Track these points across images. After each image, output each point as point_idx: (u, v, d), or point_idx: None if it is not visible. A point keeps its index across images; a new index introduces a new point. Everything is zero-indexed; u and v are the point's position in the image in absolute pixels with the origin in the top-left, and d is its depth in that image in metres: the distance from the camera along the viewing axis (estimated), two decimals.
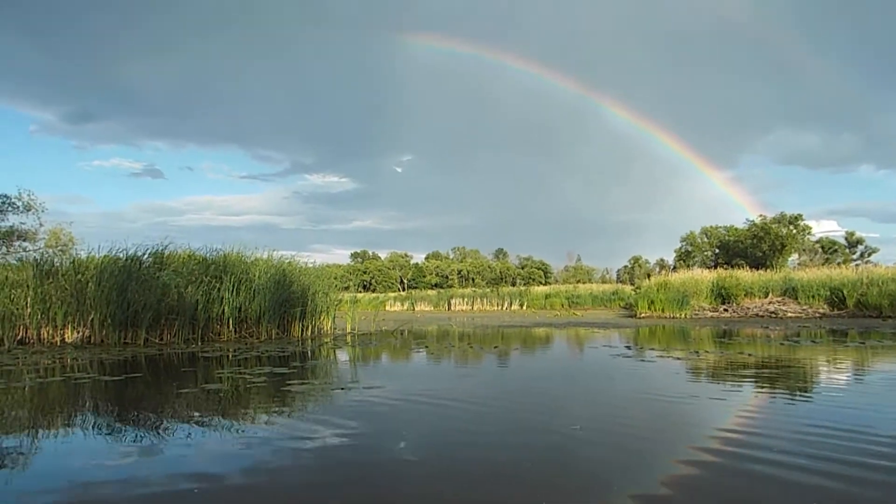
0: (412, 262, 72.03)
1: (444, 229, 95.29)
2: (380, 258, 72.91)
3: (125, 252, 11.40)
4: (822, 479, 2.85)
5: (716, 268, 31.20)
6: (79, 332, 10.62)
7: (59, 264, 11.44)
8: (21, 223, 22.02)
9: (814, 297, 21.06)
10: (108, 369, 7.25)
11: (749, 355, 8.21)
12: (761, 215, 40.99)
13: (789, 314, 20.37)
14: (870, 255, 43.99)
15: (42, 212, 22.38)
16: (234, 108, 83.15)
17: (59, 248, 20.30)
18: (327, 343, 11.22)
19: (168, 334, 11.12)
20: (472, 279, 65.19)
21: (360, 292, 48.09)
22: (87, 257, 11.83)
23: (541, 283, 59.31)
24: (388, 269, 69.05)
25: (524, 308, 31.74)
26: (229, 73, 78.88)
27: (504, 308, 32.13)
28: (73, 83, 75.63)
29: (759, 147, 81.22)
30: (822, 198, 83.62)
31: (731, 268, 28.45)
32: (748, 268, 28.36)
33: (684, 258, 46.16)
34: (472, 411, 4.67)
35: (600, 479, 3.01)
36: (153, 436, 3.89)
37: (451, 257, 74.54)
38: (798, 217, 40.79)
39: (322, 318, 13.67)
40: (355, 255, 75.82)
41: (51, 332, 10.56)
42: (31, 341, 10.48)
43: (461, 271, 67.99)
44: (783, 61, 62.32)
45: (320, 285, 13.53)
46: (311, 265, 14.30)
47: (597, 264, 71.04)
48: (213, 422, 4.31)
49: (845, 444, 3.47)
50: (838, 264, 30.51)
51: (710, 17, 59.66)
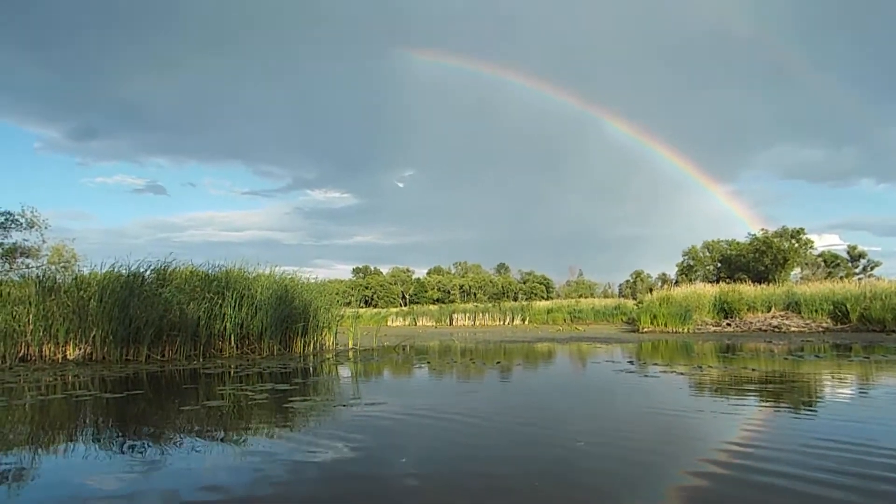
0: (414, 277, 72.02)
1: (446, 244, 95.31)
2: (381, 273, 72.91)
3: (127, 268, 11.44)
4: (828, 491, 2.83)
5: (718, 282, 31.17)
6: (80, 349, 10.61)
7: (61, 281, 11.47)
8: (24, 240, 22.08)
9: (817, 311, 20.98)
10: (110, 386, 7.23)
11: (753, 370, 8.16)
12: (763, 229, 40.88)
13: (792, 328, 20.29)
14: (872, 268, 43.93)
15: (45, 228, 22.46)
16: (236, 124, 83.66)
17: (61, 264, 20.32)
18: (329, 359, 11.19)
19: (170, 351, 11.11)
20: (474, 294, 65.10)
21: (362, 308, 48.03)
22: (89, 274, 11.85)
23: (543, 297, 59.20)
24: (390, 284, 69.02)
25: (526, 323, 31.65)
26: (231, 90, 79.63)
27: (506, 323, 32.05)
28: (77, 100, 76.39)
29: (761, 161, 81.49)
30: (824, 212, 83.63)
31: (734, 282, 28.45)
32: (750, 282, 28.28)
33: (686, 272, 46.05)
34: (475, 426, 4.64)
35: (606, 493, 2.98)
36: (155, 453, 3.88)
37: (452, 272, 74.52)
38: (800, 231, 40.72)
39: (324, 333, 13.64)
40: (357, 271, 75.85)
41: (52, 349, 10.56)
42: (33, 358, 10.47)
43: (463, 286, 67.93)
44: (784, 75, 62.73)
45: (322, 301, 13.52)
46: (313, 281, 14.33)
47: (599, 279, 70.92)
48: (214, 439, 4.29)
49: (851, 456, 3.45)
50: (841, 278, 30.38)
51: (712, 32, 60.29)
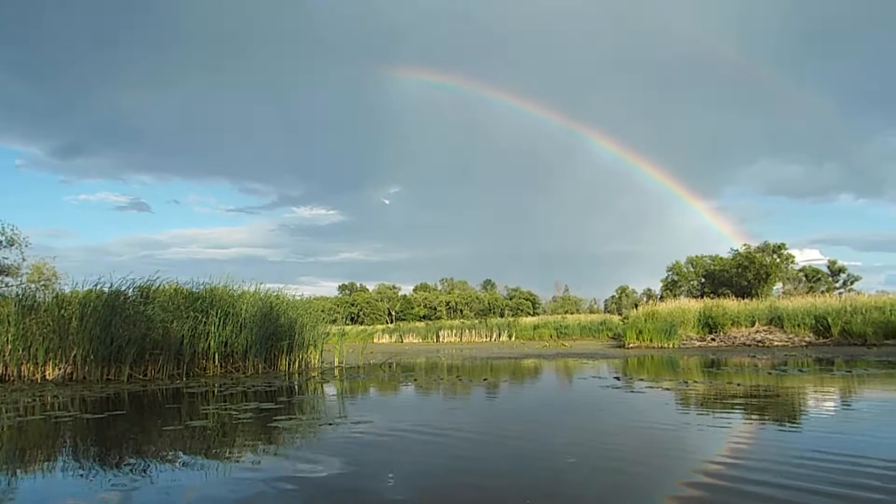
0: (400, 293, 71.84)
1: (432, 261, 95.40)
2: (367, 290, 72.65)
3: (110, 286, 11.26)
4: (813, 500, 2.88)
5: (702, 297, 31.42)
6: (60, 369, 10.39)
7: (41, 299, 11.25)
8: (4, 258, 21.78)
9: (799, 325, 21.22)
10: (90, 407, 7.08)
11: (738, 384, 8.22)
12: (745, 244, 41.50)
13: (776, 343, 20.48)
14: (852, 283, 44.74)
15: (25, 246, 22.18)
16: (221, 141, 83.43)
17: (41, 282, 20.06)
18: (315, 377, 11.07)
19: (152, 370, 10.91)
20: (461, 310, 65.06)
21: (348, 325, 47.67)
22: (70, 292, 11.65)
23: (529, 313, 59.36)
24: (376, 301, 68.74)
25: (513, 339, 31.61)
26: (217, 107, 79.51)
27: (493, 339, 31.97)
28: (61, 118, 75.84)
29: (743, 177, 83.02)
30: (805, 227, 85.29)
31: (717, 297, 28.70)
32: (734, 297, 28.60)
33: (671, 288, 46.46)
34: (462, 440, 4.62)
35: None
36: (136, 475, 3.80)
37: (439, 289, 74.46)
38: (781, 246, 41.40)
39: (309, 351, 13.49)
40: (343, 288, 75.54)
41: (31, 368, 10.32)
42: (11, 378, 10.22)
43: (449, 303, 67.87)
44: (765, 93, 64.35)
45: (308, 318, 13.40)
46: (299, 298, 14.22)
47: (585, 294, 71.51)
48: (198, 460, 4.22)
49: (837, 467, 3.51)
50: (822, 293, 30.88)
51: (695, 52, 61.45)
